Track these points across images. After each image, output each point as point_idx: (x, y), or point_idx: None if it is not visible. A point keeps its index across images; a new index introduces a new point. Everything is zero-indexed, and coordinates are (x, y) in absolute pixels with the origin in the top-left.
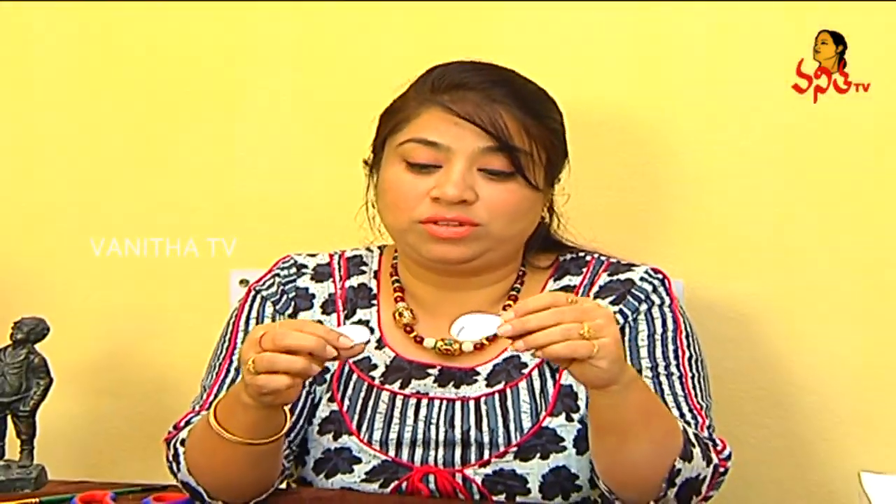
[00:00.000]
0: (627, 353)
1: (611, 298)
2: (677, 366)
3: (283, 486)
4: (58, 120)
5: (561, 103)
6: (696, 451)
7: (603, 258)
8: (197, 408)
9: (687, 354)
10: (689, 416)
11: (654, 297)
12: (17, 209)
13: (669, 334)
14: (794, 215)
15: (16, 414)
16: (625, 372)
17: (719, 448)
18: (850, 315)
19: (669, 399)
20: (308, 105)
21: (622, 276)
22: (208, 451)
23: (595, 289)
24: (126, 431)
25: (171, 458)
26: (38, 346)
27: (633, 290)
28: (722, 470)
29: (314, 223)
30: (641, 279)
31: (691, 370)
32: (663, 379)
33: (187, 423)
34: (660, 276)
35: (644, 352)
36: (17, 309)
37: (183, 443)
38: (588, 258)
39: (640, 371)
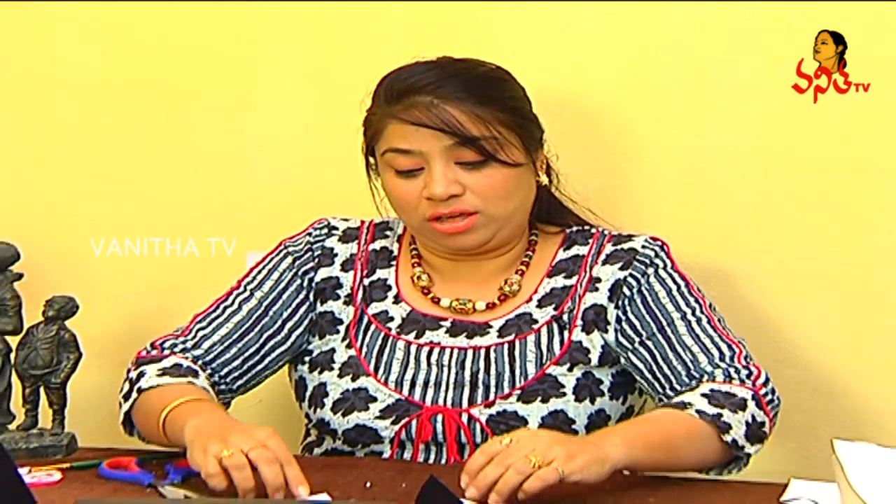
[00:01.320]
0: (656, 311)
1: (618, 265)
2: (702, 311)
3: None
4: (59, 120)
5: (567, 100)
6: (726, 412)
7: (606, 231)
8: (178, 333)
9: (707, 302)
10: (726, 350)
11: (657, 261)
12: (31, 200)
13: (684, 289)
14: (795, 212)
15: (48, 385)
16: (611, 455)
17: (754, 376)
18: (828, 294)
19: (706, 340)
20: (311, 105)
21: (625, 246)
22: (149, 423)
23: (602, 256)
24: None
25: (128, 383)
26: (67, 323)
27: (637, 257)
28: (763, 393)
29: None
30: (643, 247)
31: (715, 314)
32: (695, 325)
33: (162, 346)
34: (659, 242)
35: (670, 306)
36: (46, 291)
37: (140, 390)
38: (593, 230)
39: (671, 323)
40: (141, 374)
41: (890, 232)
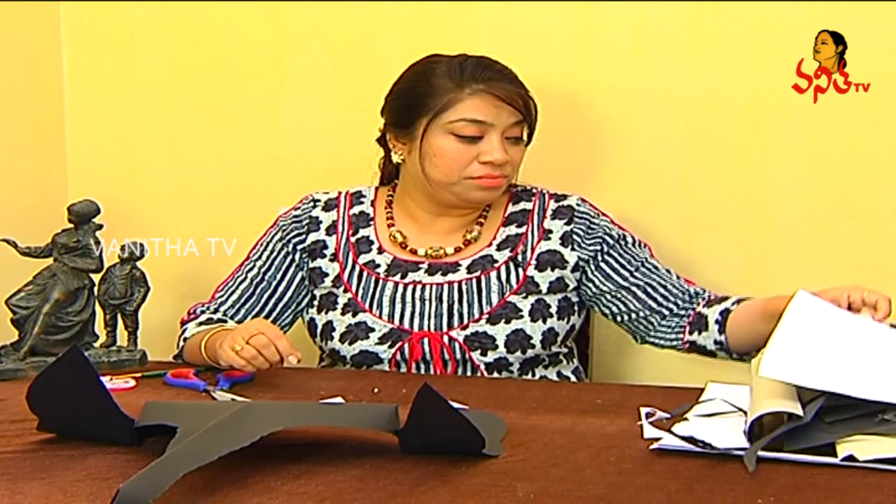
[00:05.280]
0: (617, 264)
1: (564, 220)
2: (650, 257)
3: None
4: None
5: (562, 89)
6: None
7: (544, 190)
8: (206, 301)
9: (648, 247)
10: (685, 284)
11: (597, 219)
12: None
13: (629, 239)
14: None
15: (123, 312)
16: None
17: (708, 291)
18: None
19: (661, 282)
20: (313, 105)
21: (564, 203)
22: (195, 355)
23: (549, 212)
24: None
25: (179, 339)
26: (139, 264)
27: (576, 214)
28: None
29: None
30: (578, 205)
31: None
32: (649, 269)
33: (196, 312)
34: (587, 203)
35: (623, 259)
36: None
37: (185, 339)
38: (533, 190)
39: (637, 269)
40: (184, 331)
41: (779, 196)
